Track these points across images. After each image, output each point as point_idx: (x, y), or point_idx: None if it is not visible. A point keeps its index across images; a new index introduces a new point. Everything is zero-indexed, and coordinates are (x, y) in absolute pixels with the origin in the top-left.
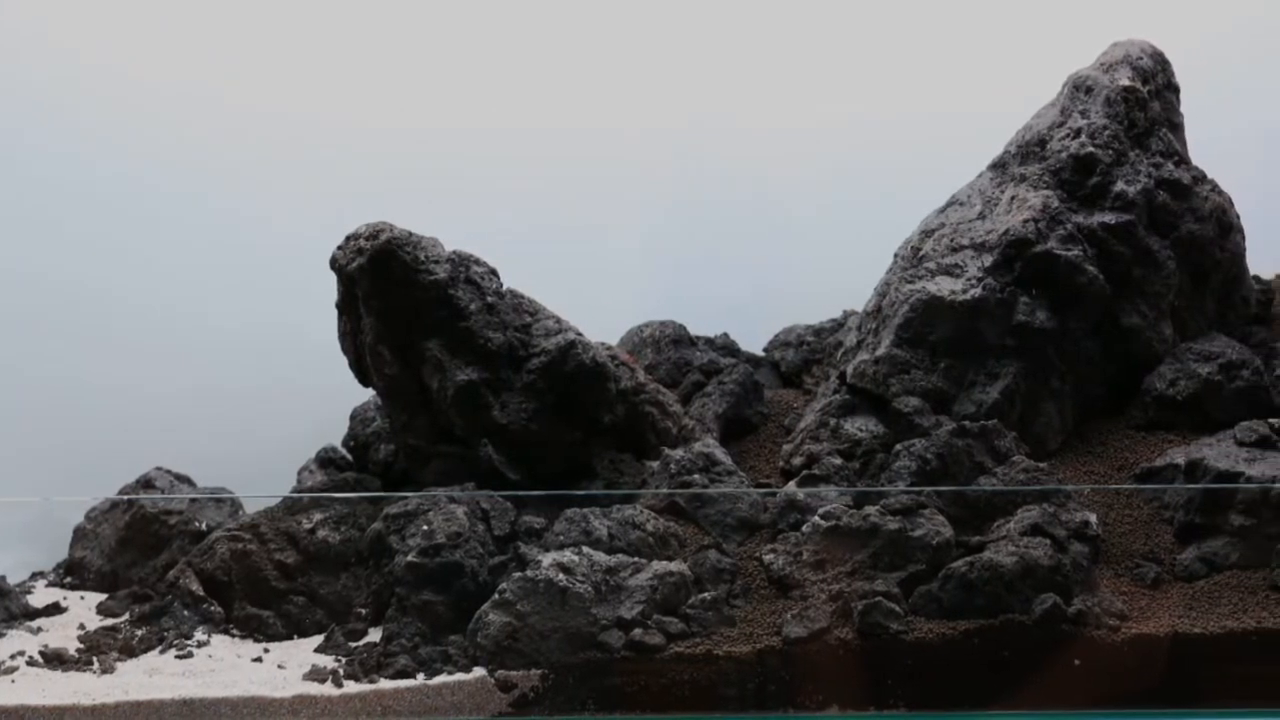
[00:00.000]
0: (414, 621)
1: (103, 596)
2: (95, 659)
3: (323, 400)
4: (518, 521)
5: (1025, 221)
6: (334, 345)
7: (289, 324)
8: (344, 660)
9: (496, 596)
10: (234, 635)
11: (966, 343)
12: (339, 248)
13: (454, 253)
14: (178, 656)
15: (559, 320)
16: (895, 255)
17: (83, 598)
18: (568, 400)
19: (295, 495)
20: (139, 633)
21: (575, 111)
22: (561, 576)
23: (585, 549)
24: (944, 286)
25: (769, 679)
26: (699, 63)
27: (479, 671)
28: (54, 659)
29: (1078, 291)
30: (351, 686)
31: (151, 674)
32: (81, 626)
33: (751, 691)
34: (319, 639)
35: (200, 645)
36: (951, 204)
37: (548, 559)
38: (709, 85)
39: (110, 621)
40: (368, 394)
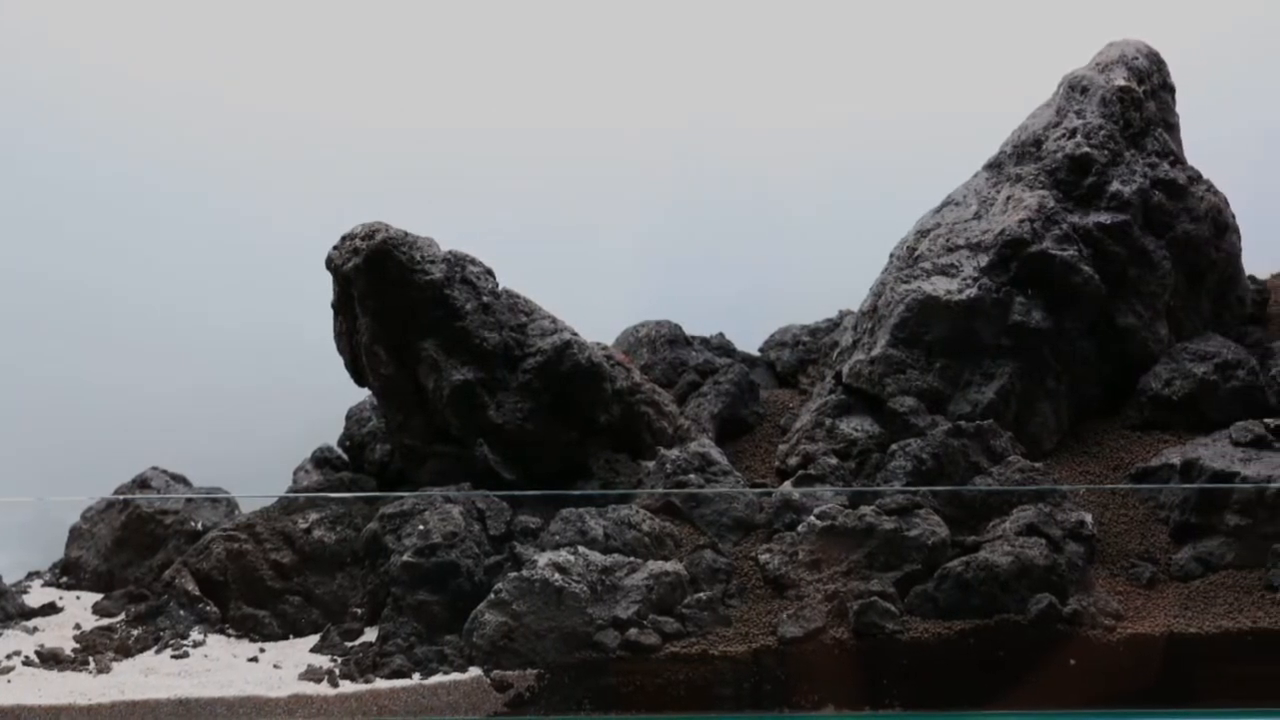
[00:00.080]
0: (410, 621)
1: (98, 596)
2: (91, 659)
3: (318, 400)
4: (513, 521)
5: (1021, 221)
6: (330, 345)
7: (285, 324)
8: (340, 660)
9: (492, 596)
10: (230, 635)
11: (962, 343)
12: (334, 248)
13: (450, 253)
14: (173, 656)
15: (554, 320)
16: (891, 255)
17: (78, 597)
18: (563, 400)
19: (291, 495)
20: (135, 632)
21: (571, 112)
22: (557, 576)
23: (581, 549)
24: (939, 286)
25: (764, 679)
26: (694, 63)
27: (474, 671)
28: (50, 659)
29: (1073, 291)
30: (347, 686)
31: (147, 674)
32: (77, 626)
33: (747, 691)
34: (315, 639)
35: (196, 645)
36: (947, 204)
37: (543, 559)
38: (704, 85)
39: (106, 621)
40: (363, 394)
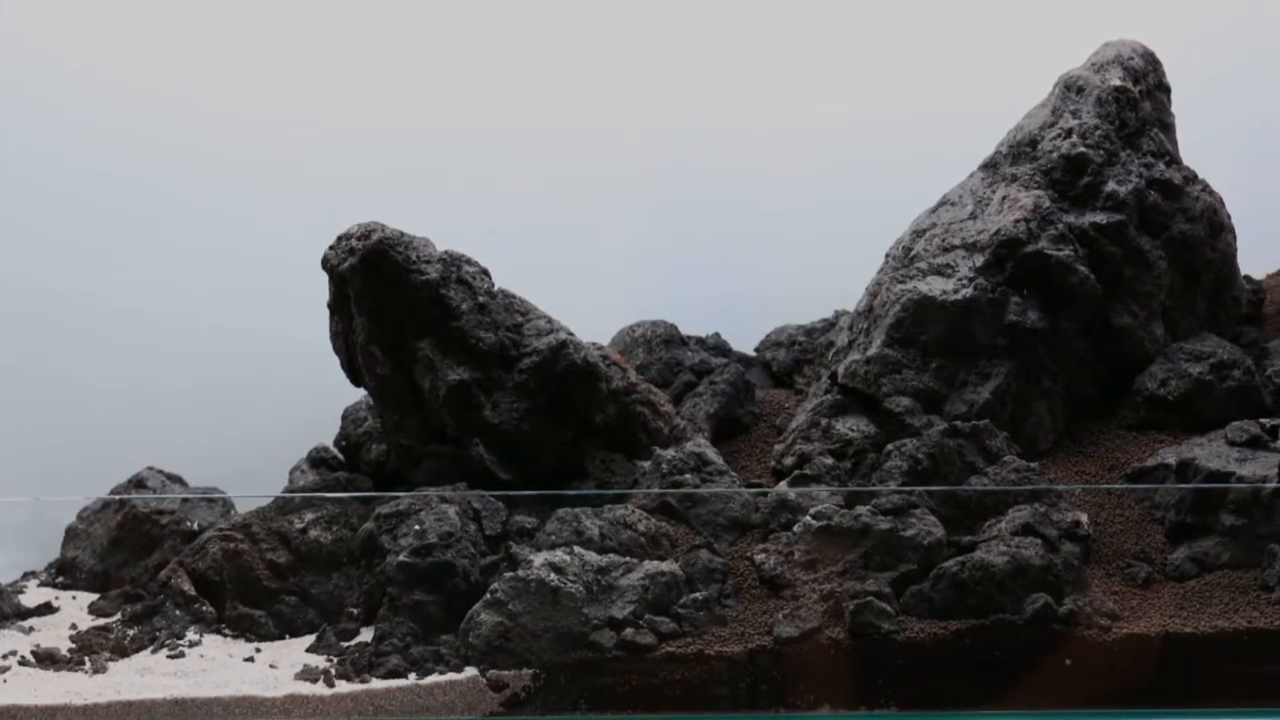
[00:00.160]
0: (406, 621)
1: (95, 596)
2: (87, 659)
3: (314, 400)
4: (509, 521)
5: (1016, 221)
6: (325, 345)
7: (280, 324)
8: (336, 660)
9: (488, 596)
10: (226, 635)
11: (958, 343)
12: (331, 248)
13: (446, 253)
14: (170, 656)
15: (550, 320)
16: (887, 255)
17: (75, 597)
18: (559, 400)
19: (287, 495)
20: (131, 632)
21: (567, 112)
22: (553, 576)
23: (577, 549)
24: (935, 286)
25: (760, 679)
26: (689, 63)
27: (471, 671)
28: (46, 659)
29: (1069, 291)
30: (343, 686)
31: (143, 674)
32: (73, 626)
33: (743, 691)
34: (311, 639)
35: (192, 645)
36: (943, 204)
37: (539, 559)
38: (700, 86)
39: (102, 621)
40: (359, 394)
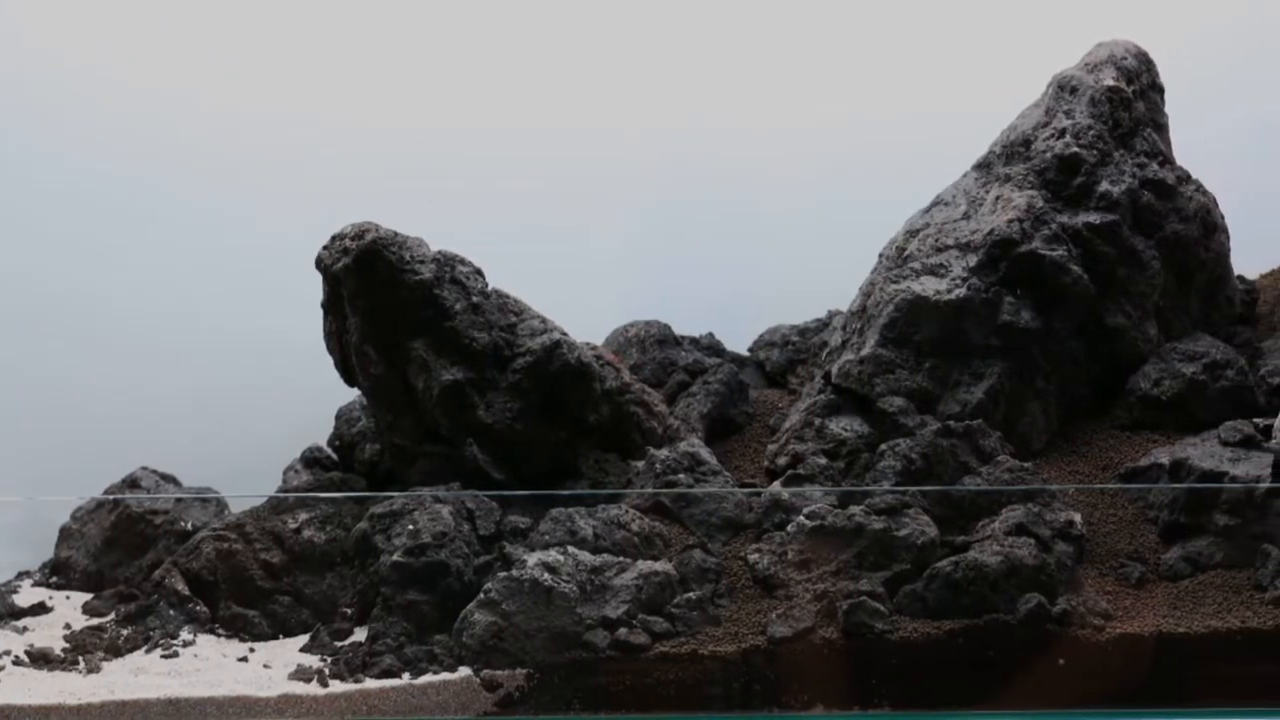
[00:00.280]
0: (399, 621)
1: (88, 596)
2: (81, 658)
3: (308, 400)
4: (503, 521)
5: (1010, 221)
6: (319, 345)
7: (274, 324)
8: (329, 660)
9: (482, 596)
10: (220, 635)
11: (951, 342)
12: (324, 248)
13: (439, 253)
14: (163, 656)
15: (544, 320)
16: (880, 255)
17: (68, 597)
18: (553, 400)
19: (281, 495)
20: (125, 632)
21: (561, 112)
22: (547, 576)
23: (570, 549)
24: (929, 286)
25: (754, 678)
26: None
27: (464, 671)
28: (40, 659)
29: (1062, 291)
30: (337, 686)
31: (137, 673)
32: (67, 626)
33: (736, 691)
34: (304, 638)
35: (186, 645)
36: (936, 204)
37: (533, 558)
38: (695, 86)
39: (96, 621)
40: (353, 394)
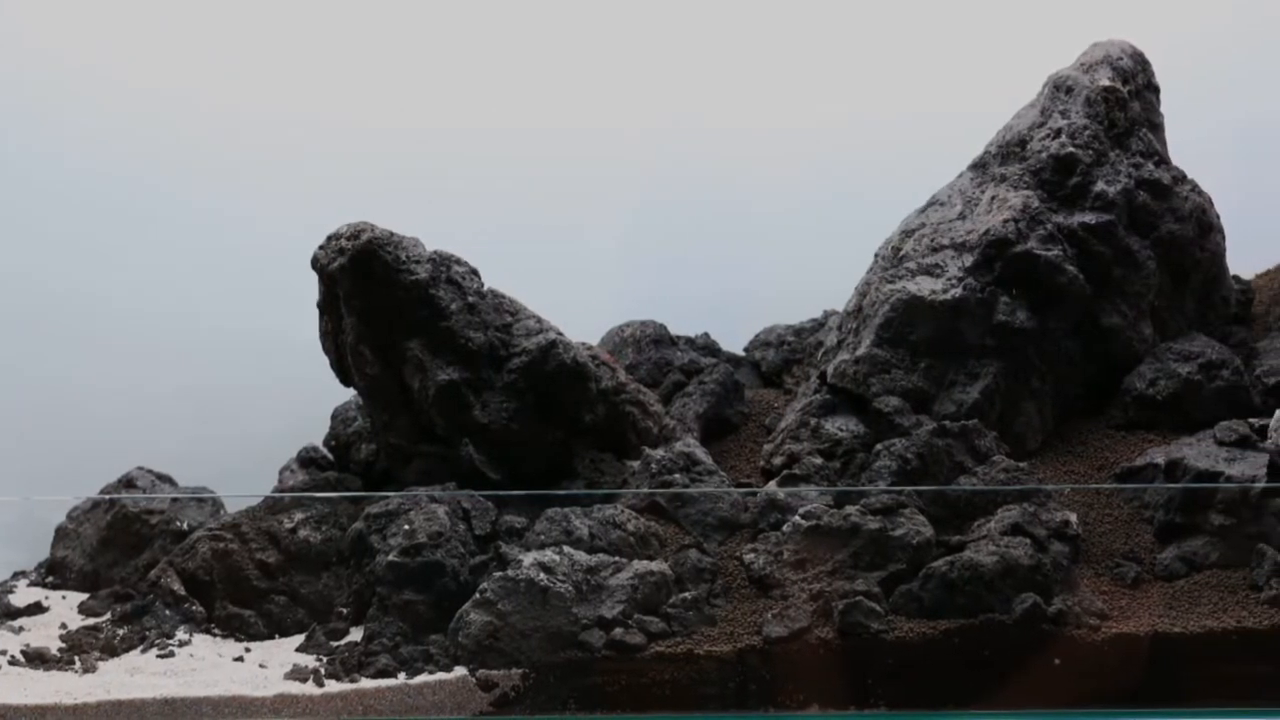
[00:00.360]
0: (395, 621)
1: (84, 596)
2: (77, 658)
3: (304, 400)
4: (499, 521)
5: (1005, 221)
6: (315, 345)
7: (270, 324)
8: (325, 659)
9: (477, 596)
10: (215, 634)
11: (947, 342)
12: (320, 248)
13: (435, 253)
14: (159, 656)
15: (540, 320)
16: (876, 255)
17: (64, 597)
18: (549, 400)
19: (277, 495)
20: (121, 632)
21: (557, 112)
22: (542, 576)
23: (566, 548)
24: (924, 286)
25: (749, 678)
26: (679, 63)
27: (460, 671)
28: (36, 658)
29: (1058, 291)
30: (333, 686)
31: (133, 673)
32: (63, 626)
33: (732, 691)
34: (300, 638)
35: (182, 644)
36: (932, 204)
37: (529, 558)
38: (690, 85)
39: (92, 621)
40: (349, 394)
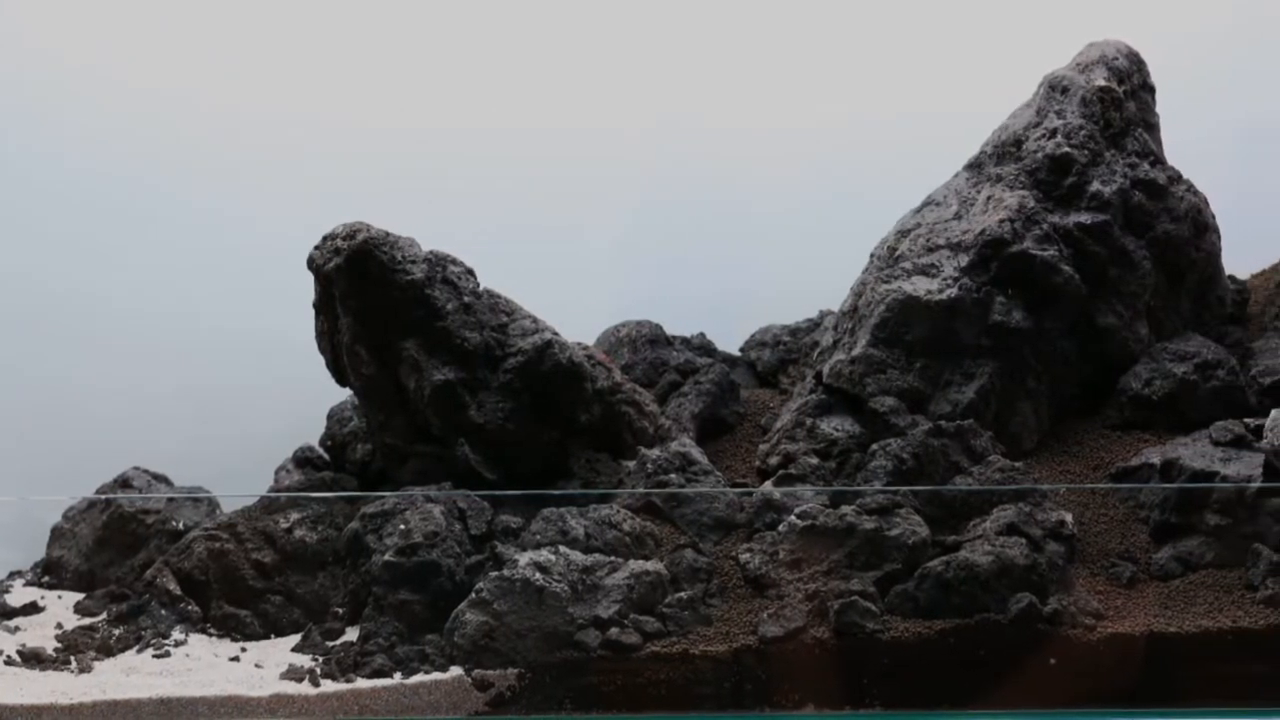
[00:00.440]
0: (391, 621)
1: (80, 596)
2: (73, 658)
3: (300, 400)
4: (494, 521)
5: (1001, 221)
6: (311, 345)
7: (266, 324)
8: (321, 659)
9: (473, 596)
10: (211, 634)
11: (942, 342)
12: (316, 248)
13: (431, 253)
14: (155, 656)
15: (535, 320)
16: (871, 255)
17: (60, 597)
18: (544, 400)
19: (272, 495)
20: (116, 632)
21: (553, 112)
22: (538, 576)
23: (562, 548)
24: (920, 286)
25: (745, 678)
26: (675, 63)
27: (456, 670)
28: (31, 658)
29: (1053, 291)
30: (328, 685)
31: (129, 673)
32: (59, 626)
33: (728, 690)
34: (296, 638)
35: (178, 644)
36: (927, 204)
37: (524, 558)
38: (686, 86)
39: (88, 621)
40: (345, 394)
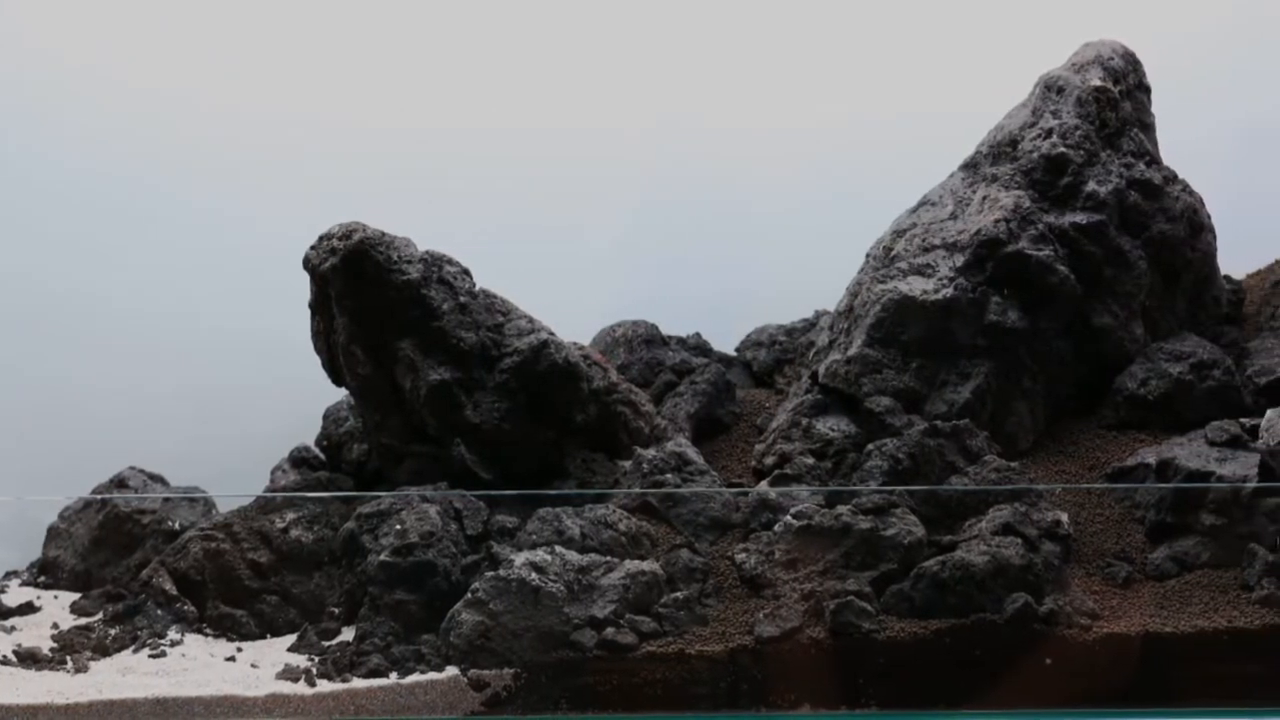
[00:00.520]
0: (387, 621)
1: (76, 596)
2: (69, 658)
3: (296, 400)
4: (490, 521)
5: (997, 221)
6: (307, 345)
7: (262, 324)
8: (317, 659)
9: (469, 596)
10: (207, 634)
11: (938, 342)
12: (312, 248)
13: (427, 252)
14: (151, 655)
15: (531, 320)
16: (867, 255)
17: (56, 597)
18: (540, 400)
19: (268, 495)
20: (112, 632)
21: (549, 112)
22: (534, 576)
23: (558, 548)
24: (916, 286)
25: (741, 678)
26: (671, 64)
27: (452, 670)
28: (28, 658)
29: (1049, 291)
30: (324, 685)
31: (125, 673)
32: (55, 626)
33: (724, 690)
34: (292, 638)
35: (174, 644)
36: (923, 204)
37: (520, 558)
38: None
39: (84, 621)
40: (341, 393)
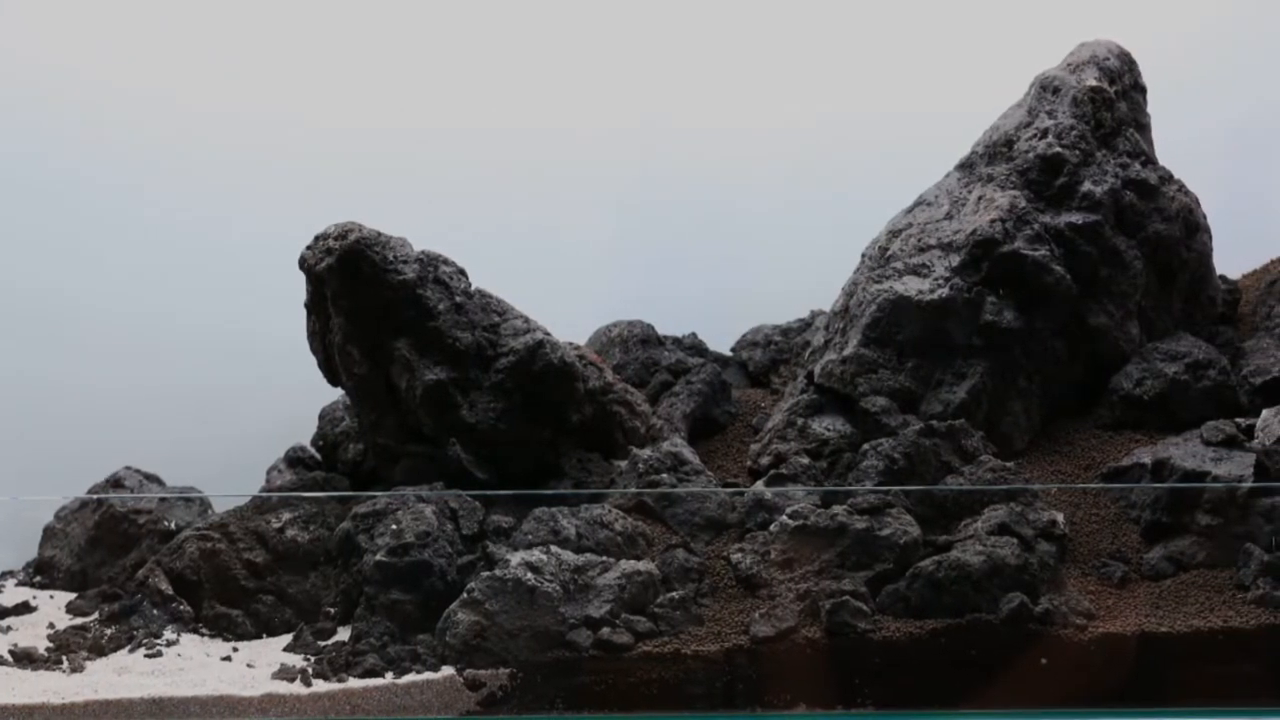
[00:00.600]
0: (382, 620)
1: (72, 596)
2: (65, 658)
3: (292, 400)
4: (486, 521)
5: (992, 221)
6: (303, 345)
7: (258, 324)
8: (313, 659)
9: (465, 595)
10: (203, 634)
11: (934, 342)
12: (308, 248)
13: (422, 253)
14: (147, 655)
15: (527, 320)
16: (863, 255)
17: (52, 597)
18: (536, 400)
19: (264, 495)
20: (108, 632)
21: (545, 112)
22: (530, 575)
23: (553, 548)
24: (911, 286)
25: (737, 678)
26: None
27: (447, 670)
28: (23, 658)
29: (1045, 291)
30: (320, 685)
31: (121, 673)
32: (51, 626)
33: (719, 690)
34: (288, 638)
35: (169, 644)
36: (919, 204)
37: (516, 558)
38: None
39: (80, 620)
40: (337, 393)
